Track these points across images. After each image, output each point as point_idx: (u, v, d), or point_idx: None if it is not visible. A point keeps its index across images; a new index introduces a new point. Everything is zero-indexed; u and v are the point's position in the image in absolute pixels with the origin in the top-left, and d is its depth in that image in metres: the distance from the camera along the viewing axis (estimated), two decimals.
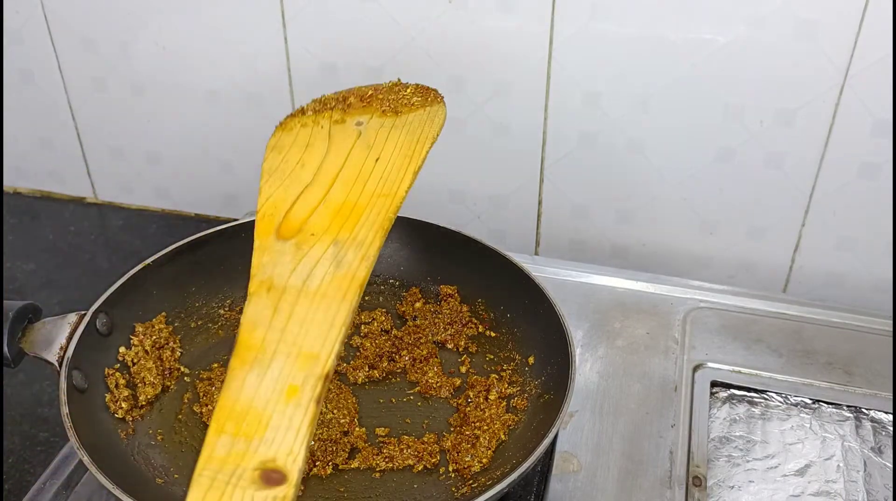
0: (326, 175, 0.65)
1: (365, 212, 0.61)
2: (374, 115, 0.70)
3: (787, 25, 0.83)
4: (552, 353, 0.73)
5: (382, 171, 0.65)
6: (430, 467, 0.69)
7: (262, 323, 0.53)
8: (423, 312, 0.82)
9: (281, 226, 0.60)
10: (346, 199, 0.62)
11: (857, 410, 0.79)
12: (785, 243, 0.96)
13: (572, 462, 0.73)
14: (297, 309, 0.54)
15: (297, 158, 0.67)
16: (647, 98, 0.90)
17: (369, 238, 0.59)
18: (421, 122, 0.70)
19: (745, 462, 0.74)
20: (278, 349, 0.52)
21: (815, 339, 0.86)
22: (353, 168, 0.65)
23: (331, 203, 0.62)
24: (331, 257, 0.57)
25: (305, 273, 0.56)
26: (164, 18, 0.99)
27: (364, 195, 0.63)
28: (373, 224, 0.60)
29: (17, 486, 0.76)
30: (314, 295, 0.55)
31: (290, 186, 0.64)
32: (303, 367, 0.51)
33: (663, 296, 0.91)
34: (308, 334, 0.53)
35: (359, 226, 0.60)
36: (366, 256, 0.58)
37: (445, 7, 0.90)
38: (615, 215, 0.99)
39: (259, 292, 0.55)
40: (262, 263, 0.58)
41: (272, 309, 0.54)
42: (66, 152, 1.13)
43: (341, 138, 0.68)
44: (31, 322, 0.70)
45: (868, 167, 0.88)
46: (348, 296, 0.55)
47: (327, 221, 0.60)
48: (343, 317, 0.54)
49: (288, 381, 0.50)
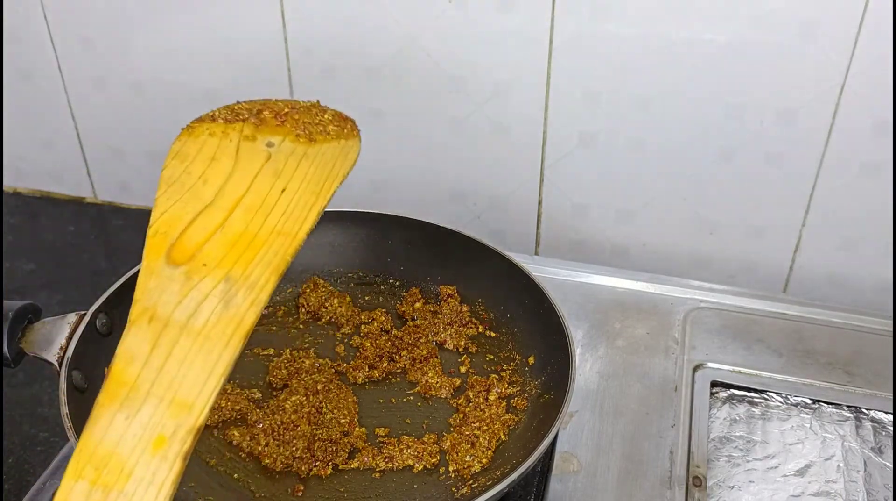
0: (228, 198, 0.60)
1: (262, 249, 0.57)
2: (287, 137, 0.66)
3: (787, 25, 0.82)
4: (552, 353, 0.73)
5: (287, 204, 0.60)
6: (430, 467, 0.69)
7: (138, 358, 0.50)
8: (423, 312, 0.82)
9: (173, 248, 0.56)
10: (245, 229, 0.58)
11: (857, 410, 0.79)
12: (785, 243, 0.96)
13: (572, 462, 0.73)
14: (177, 348, 0.51)
15: (201, 171, 0.62)
16: (647, 98, 0.90)
17: (262, 280, 0.55)
18: (334, 155, 0.66)
19: (746, 463, 0.74)
20: (152, 390, 0.49)
21: (816, 339, 0.86)
22: (257, 195, 0.61)
23: (228, 231, 0.58)
24: (220, 295, 0.54)
25: (192, 308, 0.53)
26: (163, 18, 0.99)
27: (264, 229, 0.58)
28: (268, 264, 0.56)
29: (16, 486, 0.76)
30: (198, 335, 0.51)
31: (188, 203, 0.59)
32: (175, 415, 0.48)
33: (663, 296, 0.91)
34: (185, 378, 0.49)
35: (254, 264, 0.56)
36: (256, 300, 0.54)
37: (445, 7, 0.90)
38: (615, 215, 0.99)
39: (140, 322, 0.52)
40: (147, 287, 0.54)
41: (151, 343, 0.51)
42: (66, 152, 1.13)
43: (249, 158, 0.64)
44: (30, 322, 0.70)
45: (868, 167, 0.88)
46: (232, 342, 0.51)
47: (222, 251, 0.56)
48: (224, 366, 0.50)
49: (157, 430, 0.47)
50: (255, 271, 0.55)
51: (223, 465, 0.69)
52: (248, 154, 0.64)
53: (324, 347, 0.80)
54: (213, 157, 0.63)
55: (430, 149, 1.00)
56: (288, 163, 0.64)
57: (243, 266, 0.55)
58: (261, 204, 0.60)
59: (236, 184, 0.61)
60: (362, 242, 0.87)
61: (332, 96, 0.98)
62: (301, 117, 0.68)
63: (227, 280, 0.54)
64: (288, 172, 0.63)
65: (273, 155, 0.64)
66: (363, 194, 1.05)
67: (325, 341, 0.81)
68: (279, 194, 0.61)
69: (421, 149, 1.01)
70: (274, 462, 0.68)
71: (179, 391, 0.49)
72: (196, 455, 0.69)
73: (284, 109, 0.69)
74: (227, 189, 0.61)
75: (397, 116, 0.98)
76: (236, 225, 0.58)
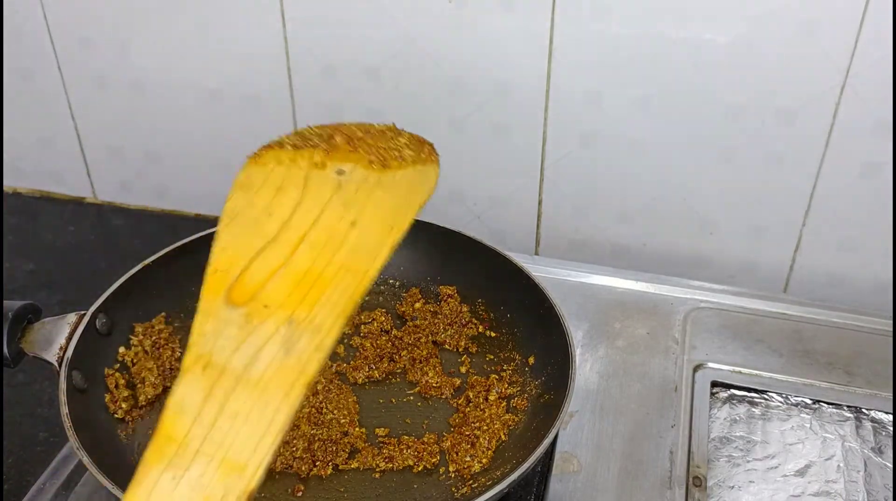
0: (294, 232, 0.55)
1: (329, 289, 0.52)
2: (360, 164, 0.61)
3: (787, 25, 0.82)
4: (552, 353, 0.73)
5: (357, 239, 0.55)
6: (430, 467, 0.69)
7: (190, 410, 0.46)
8: (423, 312, 0.82)
9: (233, 288, 0.51)
10: (311, 266, 0.53)
11: (857, 410, 0.79)
12: (785, 243, 0.96)
13: (572, 462, 0.73)
14: (232, 400, 0.46)
15: (266, 202, 0.57)
16: (648, 98, 0.90)
17: (328, 324, 0.50)
18: (410, 183, 0.61)
19: (746, 463, 0.74)
20: (202, 448, 0.44)
21: (816, 339, 0.86)
22: (324, 229, 0.56)
23: (293, 269, 0.53)
24: (281, 340, 0.49)
25: (250, 355, 0.48)
26: (163, 18, 0.98)
27: (331, 267, 0.53)
28: (335, 306, 0.51)
29: (16, 486, 0.76)
30: (255, 385, 0.47)
31: (251, 238, 0.55)
32: (224, 478, 0.43)
33: (663, 296, 0.91)
34: (238, 435, 0.45)
35: (319, 306, 0.51)
36: (320, 346, 0.49)
37: (445, 7, 0.90)
38: (615, 215, 0.99)
39: (194, 370, 0.47)
40: (204, 331, 0.49)
41: (204, 394, 0.46)
42: (66, 152, 1.13)
43: (318, 188, 0.59)
44: (30, 322, 0.70)
45: (868, 167, 0.88)
46: (292, 394, 0.47)
47: (285, 292, 0.51)
48: (281, 421, 0.46)
49: (205, 493, 0.43)
50: (319, 314, 0.51)
51: None
52: (316, 183, 0.59)
53: None
54: (279, 187, 0.59)
55: None
56: (359, 192, 0.59)
57: (308, 308, 0.51)
58: (327, 239, 0.55)
59: (303, 217, 0.57)
60: None
61: (332, 96, 0.99)
62: (375, 142, 0.63)
63: (289, 324, 0.50)
64: (359, 203, 0.58)
65: (343, 184, 0.59)
66: None
67: None
68: (349, 227, 0.56)
69: None
70: (274, 462, 0.68)
71: (231, 450, 0.45)
72: None
73: (358, 134, 0.64)
74: (293, 222, 0.56)
75: (397, 117, 0.98)
76: (301, 262, 0.54)
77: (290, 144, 0.63)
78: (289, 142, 0.63)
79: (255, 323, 0.50)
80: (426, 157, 0.64)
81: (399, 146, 0.64)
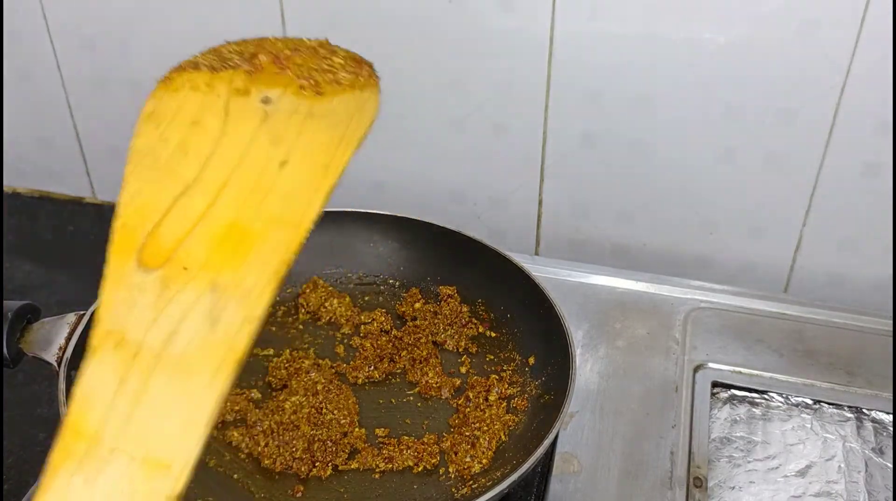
0: (215, 175, 0.47)
1: (258, 245, 0.44)
2: (289, 90, 0.52)
3: (787, 25, 0.82)
4: (552, 353, 0.73)
5: (289, 182, 0.48)
6: (430, 468, 0.69)
7: (101, 399, 0.38)
8: (423, 312, 0.82)
9: (146, 247, 0.44)
10: (235, 218, 0.45)
11: (858, 410, 0.79)
12: (786, 243, 0.96)
13: (573, 462, 0.73)
14: (150, 384, 0.39)
15: (180, 138, 0.49)
16: (648, 98, 0.90)
17: (258, 288, 0.43)
18: (348, 112, 0.52)
19: (746, 463, 0.74)
20: (118, 445, 0.37)
21: (816, 339, 0.86)
22: (250, 171, 0.48)
23: (215, 222, 0.45)
24: (205, 310, 0.42)
25: (169, 329, 0.41)
26: (163, 18, 0.98)
27: (261, 217, 0.46)
28: (265, 266, 0.44)
29: (16, 486, 0.76)
30: (177, 366, 0.40)
31: (165, 184, 0.46)
32: (146, 480, 0.37)
33: (664, 296, 0.91)
34: (162, 428, 0.38)
35: (247, 267, 0.43)
36: (250, 316, 0.42)
37: (445, 7, 0.89)
38: (615, 215, 0.99)
39: (104, 348, 0.40)
40: (113, 301, 0.42)
41: (118, 379, 0.39)
42: (65, 152, 1.13)
43: (240, 120, 0.50)
44: (30, 322, 0.70)
45: (869, 167, 0.88)
46: (221, 375, 0.40)
47: (207, 249, 0.44)
48: (209, 408, 0.39)
49: (125, 499, 0.36)
50: (248, 276, 0.43)
51: (222, 466, 0.69)
52: (239, 114, 0.51)
53: (323, 347, 0.80)
54: (195, 119, 0.50)
55: (430, 149, 1.00)
56: (289, 125, 0.51)
57: (234, 269, 0.43)
58: (256, 183, 0.47)
59: (224, 156, 0.48)
60: (363, 242, 0.87)
61: None
62: (306, 61, 0.55)
63: (213, 289, 0.42)
64: (289, 138, 0.50)
65: (271, 114, 0.51)
66: (363, 193, 1.05)
67: (325, 341, 0.81)
68: (278, 168, 0.48)
69: (421, 149, 1.00)
70: (273, 463, 0.68)
71: (153, 446, 0.38)
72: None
73: (286, 52, 0.55)
74: (213, 163, 0.48)
75: (397, 116, 0.98)
76: (225, 213, 0.46)
77: (207, 66, 0.54)
78: (204, 62, 0.54)
79: (173, 290, 0.42)
80: (365, 80, 0.55)
81: (334, 67, 0.55)
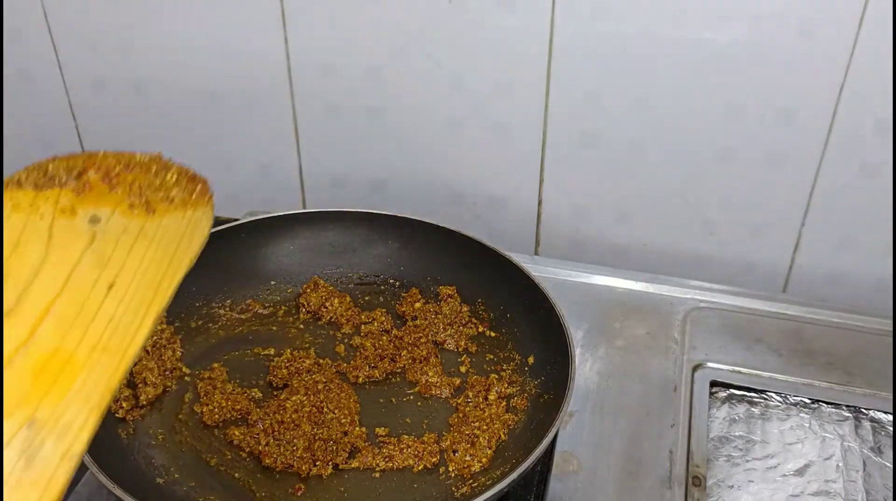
0: (35, 302, 0.45)
1: (80, 375, 0.43)
2: (119, 209, 0.51)
3: (787, 25, 0.82)
4: (552, 353, 0.73)
5: (116, 307, 0.46)
6: (430, 466, 0.69)
7: None
8: (423, 312, 0.82)
9: None
10: (57, 348, 0.44)
11: (856, 410, 0.79)
12: (785, 243, 0.96)
13: (572, 461, 0.73)
14: None
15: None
16: (648, 98, 0.90)
17: (78, 422, 0.41)
18: (178, 232, 0.52)
19: (745, 462, 0.74)
20: None
21: (815, 339, 0.86)
22: (74, 297, 0.46)
23: (35, 352, 0.43)
24: (21, 447, 0.40)
25: None
26: (163, 18, 0.99)
27: (84, 346, 0.44)
28: (87, 399, 0.42)
29: None
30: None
31: None
32: None
33: (663, 296, 0.91)
34: None
35: (68, 399, 0.42)
36: (69, 452, 0.40)
37: (445, 7, 0.90)
38: (615, 215, 0.99)
39: None
40: None
41: None
42: (66, 152, 1.13)
43: (65, 242, 0.49)
44: None
45: (868, 166, 0.88)
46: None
47: (25, 383, 0.42)
48: None
49: None
50: (69, 410, 0.41)
51: (224, 465, 0.69)
52: (64, 236, 0.49)
53: (324, 347, 0.80)
54: (17, 241, 0.48)
55: (430, 149, 1.00)
56: (119, 246, 0.49)
57: (53, 403, 0.41)
58: (80, 310, 0.46)
59: (47, 281, 0.47)
60: (362, 242, 0.87)
61: (332, 96, 0.99)
62: (137, 178, 0.54)
63: (30, 425, 0.41)
64: (118, 259, 0.49)
65: (99, 235, 0.50)
66: (363, 194, 1.05)
67: (326, 340, 0.81)
68: (105, 291, 0.47)
69: (421, 149, 1.01)
70: (274, 462, 0.68)
71: None
72: (196, 455, 0.69)
73: (116, 168, 0.55)
74: (35, 290, 0.46)
75: (397, 116, 0.98)
76: (46, 343, 0.44)
77: (31, 183, 0.52)
78: (28, 180, 0.53)
79: None
80: (198, 197, 0.55)
81: (167, 185, 0.54)
